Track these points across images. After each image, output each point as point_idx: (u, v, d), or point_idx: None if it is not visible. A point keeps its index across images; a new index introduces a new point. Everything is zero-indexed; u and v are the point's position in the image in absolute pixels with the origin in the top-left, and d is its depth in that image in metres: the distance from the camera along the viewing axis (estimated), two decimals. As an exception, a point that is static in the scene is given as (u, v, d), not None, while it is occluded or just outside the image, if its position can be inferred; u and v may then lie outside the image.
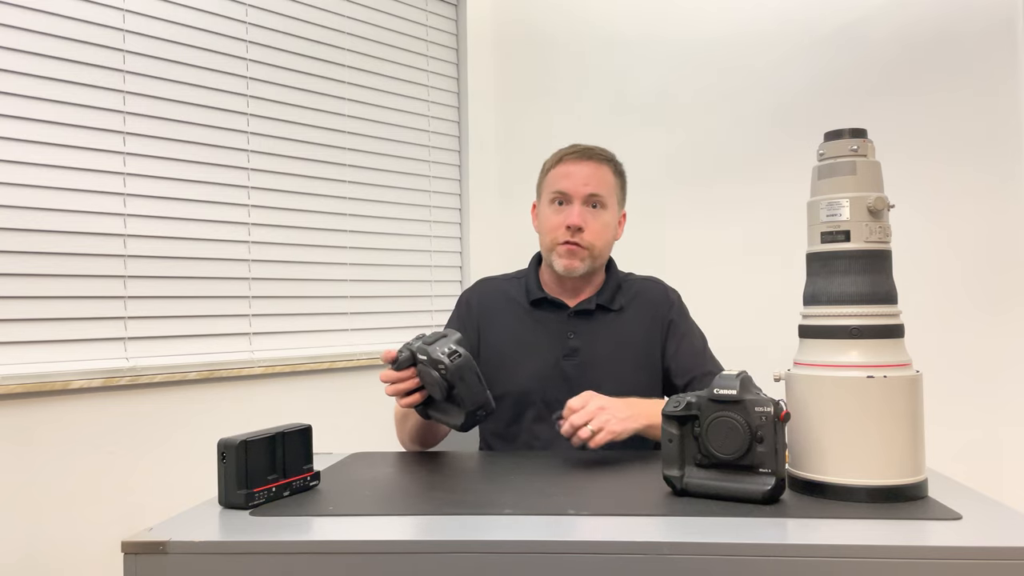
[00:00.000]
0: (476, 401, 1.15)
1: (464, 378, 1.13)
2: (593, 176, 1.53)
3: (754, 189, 2.55)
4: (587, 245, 1.51)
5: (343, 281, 2.43)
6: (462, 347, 1.15)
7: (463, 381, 1.13)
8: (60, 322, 1.78)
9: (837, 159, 1.03)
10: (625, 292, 1.59)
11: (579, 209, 1.51)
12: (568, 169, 1.54)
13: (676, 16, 2.69)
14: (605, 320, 1.54)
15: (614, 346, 1.52)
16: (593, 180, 1.53)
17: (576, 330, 1.54)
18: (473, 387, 1.14)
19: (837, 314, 1.01)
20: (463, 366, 1.13)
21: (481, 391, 1.15)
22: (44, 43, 1.77)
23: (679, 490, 1.01)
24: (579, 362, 1.51)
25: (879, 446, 0.96)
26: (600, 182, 1.53)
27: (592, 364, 1.51)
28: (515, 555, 0.84)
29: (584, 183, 1.52)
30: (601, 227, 1.53)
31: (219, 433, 1.06)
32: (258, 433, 1.05)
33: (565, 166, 1.55)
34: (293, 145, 2.30)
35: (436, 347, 1.15)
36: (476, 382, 1.15)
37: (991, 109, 2.27)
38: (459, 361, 1.13)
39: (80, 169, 1.82)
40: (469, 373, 1.14)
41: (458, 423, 1.16)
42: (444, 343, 1.16)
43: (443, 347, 1.14)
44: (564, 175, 1.54)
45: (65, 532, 1.73)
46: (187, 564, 0.87)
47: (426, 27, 2.76)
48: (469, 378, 1.14)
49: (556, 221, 1.53)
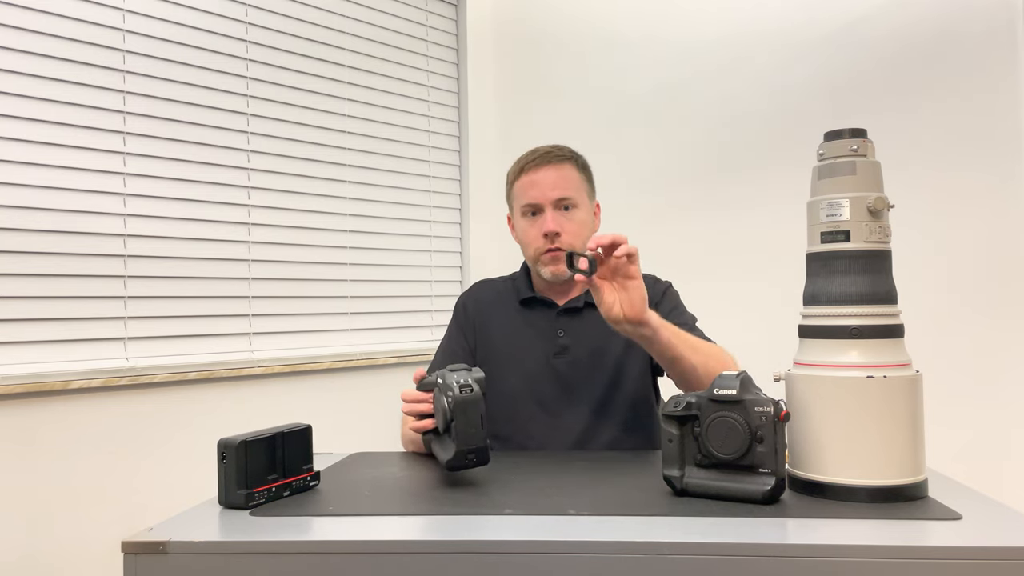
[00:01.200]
0: (470, 442, 1.09)
1: (466, 413, 1.09)
2: (559, 179, 1.53)
3: (754, 189, 2.55)
4: (567, 247, 1.52)
5: (343, 281, 2.43)
6: (479, 386, 1.11)
7: (464, 416, 1.09)
8: (60, 322, 1.78)
9: (837, 159, 1.03)
10: None
11: (552, 215, 1.51)
12: (532, 178, 1.55)
13: (676, 16, 2.69)
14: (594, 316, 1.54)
15: (603, 342, 1.52)
16: (560, 183, 1.53)
17: (565, 328, 1.55)
18: (471, 426, 1.10)
19: (837, 314, 1.01)
20: (469, 401, 1.09)
21: (478, 434, 1.10)
22: (44, 43, 1.77)
23: (679, 490, 1.01)
24: (570, 360, 1.52)
25: (879, 446, 0.96)
26: (566, 183, 1.54)
27: (582, 361, 1.51)
28: (515, 555, 0.84)
29: (552, 188, 1.52)
30: (577, 227, 1.53)
31: (219, 433, 1.06)
32: (258, 433, 1.05)
33: (528, 175, 1.56)
34: (293, 145, 2.30)
35: (455, 376, 1.13)
36: (477, 423, 1.10)
37: (991, 109, 2.27)
38: (468, 395, 1.10)
39: (80, 169, 1.82)
40: (473, 410, 1.10)
41: (447, 458, 1.11)
42: (463, 375, 1.13)
43: (461, 377, 1.12)
44: (530, 184, 1.55)
45: (65, 532, 1.73)
46: (187, 564, 0.87)
47: (426, 27, 2.76)
48: (471, 416, 1.09)
49: (533, 233, 1.54)
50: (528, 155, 1.59)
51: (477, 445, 1.09)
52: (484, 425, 1.11)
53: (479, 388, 1.11)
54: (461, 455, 1.09)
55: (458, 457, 1.09)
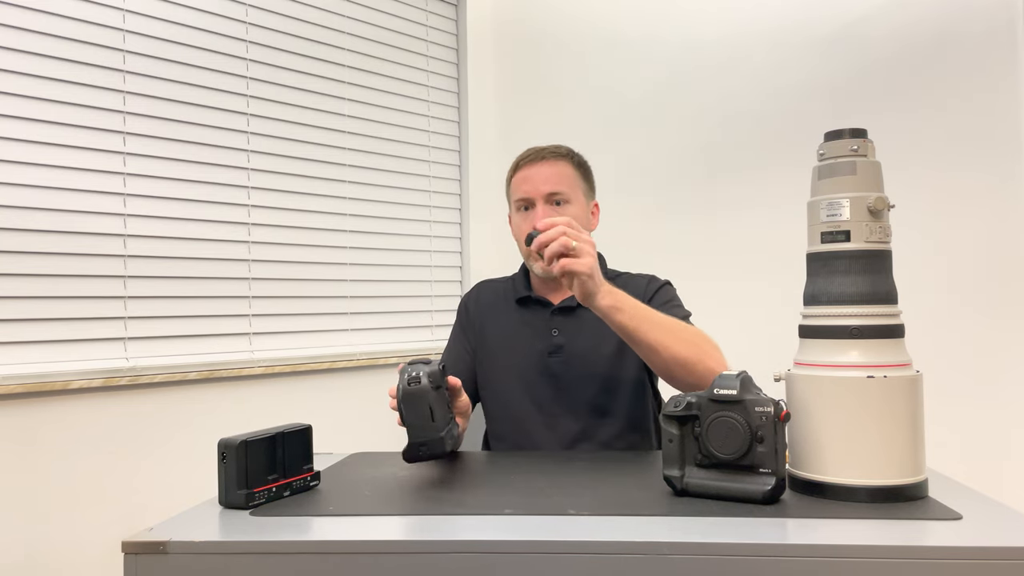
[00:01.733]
0: (419, 435, 1.08)
1: (414, 406, 1.08)
2: (551, 175, 1.54)
3: (754, 189, 2.55)
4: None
5: (343, 281, 2.43)
6: (430, 380, 1.09)
7: (412, 409, 1.08)
8: (60, 322, 1.78)
9: (837, 159, 1.03)
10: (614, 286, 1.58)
11: (542, 210, 1.52)
12: (525, 173, 1.56)
13: (676, 16, 2.69)
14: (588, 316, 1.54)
15: (597, 341, 1.52)
16: (552, 178, 1.54)
17: (560, 327, 1.55)
18: (419, 419, 1.08)
19: (837, 314, 1.01)
20: (414, 394, 1.08)
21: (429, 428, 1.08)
22: (44, 43, 1.77)
23: (679, 490, 1.01)
24: (564, 359, 1.52)
25: (879, 446, 0.96)
26: (559, 179, 1.54)
27: (577, 360, 1.51)
28: (515, 555, 0.84)
29: (543, 183, 1.53)
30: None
31: (219, 433, 1.06)
32: (258, 433, 1.05)
33: (523, 171, 1.57)
34: (293, 145, 2.30)
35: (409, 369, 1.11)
36: (426, 414, 1.08)
37: (991, 109, 2.27)
38: (414, 388, 1.08)
39: (80, 169, 1.82)
40: (420, 403, 1.08)
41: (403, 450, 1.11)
42: (418, 368, 1.11)
43: (413, 370, 1.10)
44: (523, 180, 1.56)
45: (65, 532, 1.73)
46: (187, 564, 0.87)
47: (426, 27, 2.76)
48: (419, 408, 1.08)
49: (525, 227, 1.54)
50: (524, 152, 1.60)
51: (428, 437, 1.09)
52: (437, 417, 1.09)
53: (428, 381, 1.09)
54: (413, 447, 1.09)
55: (410, 449, 1.09)
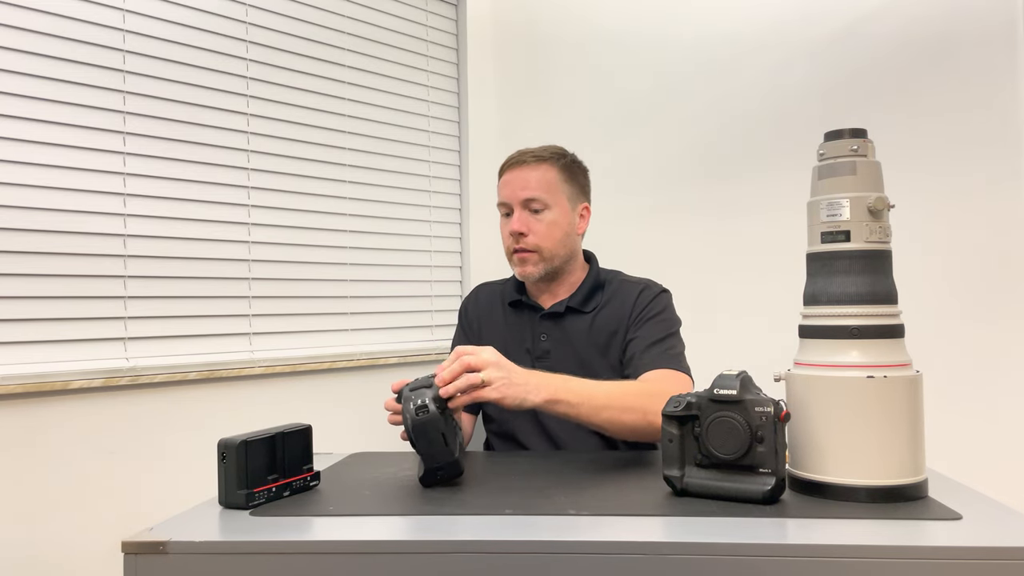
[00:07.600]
0: (436, 460, 1.11)
1: (427, 435, 1.10)
2: (529, 179, 1.53)
3: (754, 189, 2.55)
4: (533, 248, 1.52)
5: (343, 281, 2.43)
6: (437, 405, 1.11)
7: (425, 438, 1.10)
8: (60, 322, 1.78)
9: (837, 159, 1.03)
10: (605, 293, 1.58)
11: (519, 215, 1.52)
12: (507, 178, 1.56)
13: (676, 16, 2.69)
14: (575, 322, 1.54)
15: (583, 348, 1.52)
16: (531, 183, 1.53)
17: (548, 332, 1.55)
18: (434, 446, 1.10)
19: (837, 314, 1.01)
20: (427, 423, 1.09)
21: (444, 452, 1.10)
22: (44, 43, 1.77)
23: (679, 490, 1.01)
24: (551, 364, 1.51)
25: (879, 446, 0.96)
26: (536, 183, 1.53)
27: (563, 366, 1.50)
28: (515, 555, 0.84)
29: (521, 188, 1.53)
30: (546, 228, 1.52)
31: (219, 433, 1.06)
32: (258, 433, 1.06)
33: (505, 175, 1.58)
34: (293, 145, 2.30)
35: (415, 396, 1.12)
36: (439, 441, 1.10)
37: (991, 109, 2.27)
38: (424, 417, 1.09)
39: (80, 169, 1.82)
40: (432, 431, 1.10)
41: (419, 474, 1.12)
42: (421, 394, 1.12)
43: (418, 398, 1.11)
44: (504, 184, 1.57)
45: (65, 532, 1.73)
46: (187, 564, 0.87)
47: (426, 27, 2.76)
48: (432, 437, 1.10)
49: (504, 232, 1.55)
50: (510, 155, 1.59)
51: (444, 461, 1.11)
52: (449, 440, 1.11)
53: (435, 407, 1.11)
54: (430, 473, 1.11)
55: (427, 476, 1.11)
